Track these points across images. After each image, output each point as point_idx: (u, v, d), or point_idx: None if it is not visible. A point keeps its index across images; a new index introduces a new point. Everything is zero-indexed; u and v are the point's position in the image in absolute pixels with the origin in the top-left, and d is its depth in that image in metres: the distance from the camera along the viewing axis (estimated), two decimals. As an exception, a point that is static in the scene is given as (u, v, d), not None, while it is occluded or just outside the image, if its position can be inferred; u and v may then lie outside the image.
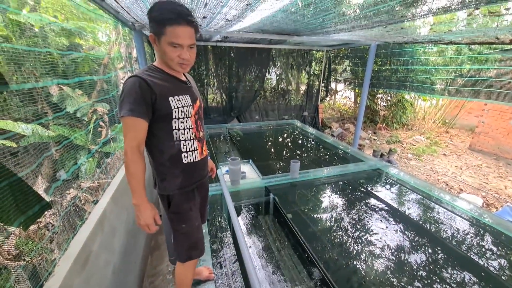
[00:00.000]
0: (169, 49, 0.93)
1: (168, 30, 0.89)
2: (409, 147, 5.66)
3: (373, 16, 1.88)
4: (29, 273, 0.85)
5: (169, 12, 0.89)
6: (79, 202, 1.62)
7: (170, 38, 0.90)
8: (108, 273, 1.38)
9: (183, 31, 0.91)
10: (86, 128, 1.89)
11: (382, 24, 2.21)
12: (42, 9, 2.05)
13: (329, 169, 2.33)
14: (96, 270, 1.23)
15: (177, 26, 0.89)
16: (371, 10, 1.74)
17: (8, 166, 0.77)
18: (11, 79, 1.12)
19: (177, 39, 0.91)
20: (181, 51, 0.94)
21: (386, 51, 5.01)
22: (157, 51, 0.99)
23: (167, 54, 0.94)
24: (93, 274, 1.19)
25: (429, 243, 1.59)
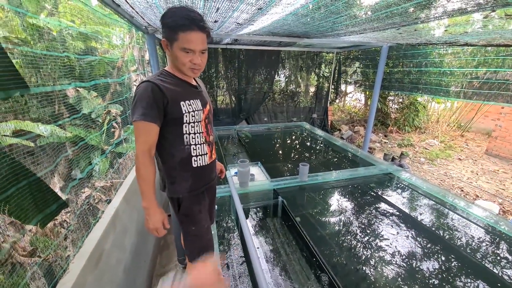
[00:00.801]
0: (181, 54, 0.95)
1: (181, 36, 0.91)
2: (421, 151, 5.51)
3: (386, 18, 1.86)
4: (44, 270, 0.88)
5: (181, 18, 0.91)
6: (93, 201, 1.67)
7: (182, 43, 0.92)
8: (119, 272, 1.42)
9: (195, 36, 0.92)
10: (100, 129, 1.95)
11: (395, 26, 2.18)
12: (60, 14, 2.14)
13: (338, 172, 2.30)
14: (108, 268, 1.27)
15: (189, 32, 0.91)
16: (383, 12, 1.72)
17: (27, 166, 0.81)
18: (29, 81, 1.18)
19: (189, 45, 0.93)
20: (193, 56, 0.95)
21: (399, 52, 4.92)
22: (169, 56, 1.01)
23: (179, 59, 0.96)
24: (105, 272, 1.22)
25: (442, 250, 1.54)
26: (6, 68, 0.74)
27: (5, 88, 0.73)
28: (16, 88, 0.77)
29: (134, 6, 1.84)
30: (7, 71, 0.74)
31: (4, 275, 0.81)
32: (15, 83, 0.77)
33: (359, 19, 1.84)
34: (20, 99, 0.96)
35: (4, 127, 1.12)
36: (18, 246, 1.07)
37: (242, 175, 1.88)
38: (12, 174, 0.75)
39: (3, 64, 0.72)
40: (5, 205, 0.71)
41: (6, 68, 0.73)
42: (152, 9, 1.82)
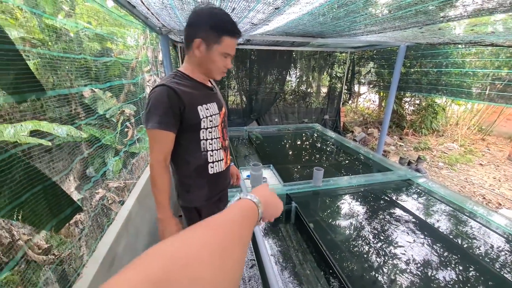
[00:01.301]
0: (220, 58, 0.92)
1: (225, 41, 0.89)
2: (440, 155, 5.28)
3: (410, 16, 1.76)
4: (58, 275, 0.87)
5: (228, 23, 0.89)
6: (106, 202, 1.68)
7: (224, 48, 0.90)
8: (131, 274, 1.41)
9: (235, 43, 0.93)
10: (114, 129, 1.96)
11: (418, 25, 2.07)
12: (77, 15, 2.18)
13: (354, 178, 2.21)
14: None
15: (232, 38, 0.91)
16: (407, 10, 1.63)
17: (43, 171, 0.80)
18: (47, 82, 1.19)
19: (230, 50, 0.92)
20: (228, 61, 0.95)
21: (417, 52, 4.73)
22: (196, 56, 0.93)
23: (216, 63, 0.93)
24: (118, 275, 1.21)
25: (460, 260, 1.45)
26: (22, 71, 0.72)
27: (20, 91, 0.71)
28: (32, 92, 0.76)
29: (149, 7, 1.83)
30: (23, 74, 0.73)
31: (18, 274, 0.81)
32: (31, 86, 0.76)
33: (380, 17, 1.76)
34: (37, 101, 0.96)
35: (22, 127, 1.13)
36: (34, 244, 1.08)
37: (255, 178, 1.84)
38: (27, 179, 0.73)
39: (18, 67, 0.71)
40: (19, 211, 0.70)
41: (21, 71, 0.72)
42: (167, 9, 1.81)
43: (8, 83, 0.68)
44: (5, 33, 0.66)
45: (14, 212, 0.69)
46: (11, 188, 0.68)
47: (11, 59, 0.69)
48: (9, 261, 0.73)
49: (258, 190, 0.53)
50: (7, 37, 0.67)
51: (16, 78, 0.70)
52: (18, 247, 0.89)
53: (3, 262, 0.77)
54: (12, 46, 0.69)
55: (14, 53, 0.70)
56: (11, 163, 0.68)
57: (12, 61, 0.69)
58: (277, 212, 0.56)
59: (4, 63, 0.67)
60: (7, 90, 0.67)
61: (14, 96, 0.70)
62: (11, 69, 0.69)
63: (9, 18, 1.10)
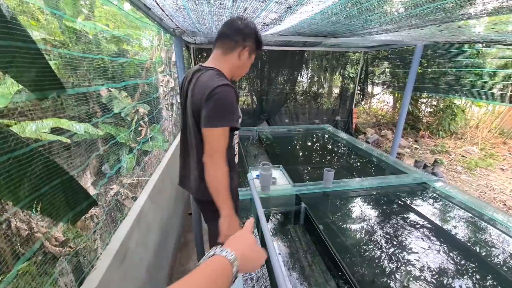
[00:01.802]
0: (250, 63, 1.14)
1: (258, 52, 1.13)
2: (458, 159, 5.06)
3: (428, 14, 1.70)
4: (73, 266, 0.90)
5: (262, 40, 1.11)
6: (120, 198, 1.73)
7: (254, 57, 1.14)
8: (142, 270, 1.44)
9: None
10: (128, 127, 2.02)
11: (436, 23, 1.99)
12: (96, 17, 2.27)
13: (366, 180, 2.16)
14: (132, 266, 1.29)
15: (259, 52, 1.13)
16: (425, 8, 1.57)
17: (61, 165, 0.83)
18: (67, 82, 1.24)
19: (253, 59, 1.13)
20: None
21: (434, 51, 4.57)
22: (238, 60, 1.06)
23: (246, 67, 1.14)
24: (129, 270, 1.25)
25: (478, 268, 1.38)
26: (43, 70, 0.76)
27: (41, 88, 0.75)
28: (53, 89, 0.80)
29: (164, 8, 1.87)
30: (44, 72, 0.76)
31: (35, 266, 0.85)
32: (52, 84, 0.80)
33: (396, 15, 1.71)
34: (58, 99, 1.00)
35: (44, 124, 1.18)
36: (51, 236, 1.13)
37: (264, 178, 1.84)
38: (46, 172, 0.77)
39: (40, 66, 0.74)
40: (38, 203, 0.73)
41: (43, 69, 0.75)
42: (180, 11, 1.84)
43: (29, 80, 0.71)
44: (27, 33, 0.70)
45: (33, 203, 0.72)
46: (31, 181, 0.71)
47: (33, 58, 0.72)
48: (23, 254, 0.77)
49: (236, 242, 0.47)
50: (29, 36, 0.70)
51: (37, 76, 0.73)
52: (35, 239, 0.93)
53: (21, 253, 0.81)
54: (34, 45, 0.72)
55: (36, 51, 0.73)
56: (32, 157, 0.72)
57: (34, 59, 0.73)
58: (257, 265, 0.49)
59: (26, 61, 0.70)
60: (28, 87, 0.70)
61: (35, 93, 0.73)
62: (32, 67, 0.72)
63: (31, 19, 1.16)
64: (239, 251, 0.43)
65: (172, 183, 2.50)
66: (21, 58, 0.69)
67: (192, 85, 1.01)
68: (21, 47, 0.68)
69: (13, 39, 0.66)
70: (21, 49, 0.69)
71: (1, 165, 0.62)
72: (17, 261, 0.74)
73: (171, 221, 2.29)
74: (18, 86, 0.80)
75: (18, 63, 0.69)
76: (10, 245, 0.84)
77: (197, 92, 0.95)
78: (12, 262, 0.75)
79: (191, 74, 1.06)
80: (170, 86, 3.39)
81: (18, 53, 0.68)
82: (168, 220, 2.16)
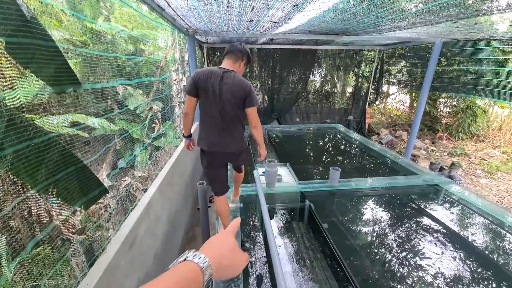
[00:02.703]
0: (243, 70, 1.68)
1: (248, 64, 1.69)
2: (478, 162, 4.81)
3: (440, 10, 1.65)
4: (85, 248, 0.97)
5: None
6: (131, 189, 1.82)
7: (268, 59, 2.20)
8: (150, 257, 1.52)
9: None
10: (142, 123, 2.12)
11: (451, 19, 1.92)
12: (115, 19, 2.39)
13: (374, 179, 2.12)
14: (140, 253, 1.36)
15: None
16: (437, 3, 1.53)
17: (76, 154, 0.90)
18: (88, 80, 1.34)
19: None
20: None
21: (455, 49, 4.37)
22: (238, 67, 1.63)
23: (241, 72, 1.65)
24: (137, 256, 1.32)
25: (494, 277, 1.32)
26: (61, 66, 0.82)
27: (59, 83, 0.82)
28: (70, 84, 0.87)
29: (176, 9, 1.94)
30: (62, 69, 0.83)
31: (53, 249, 0.93)
32: (69, 80, 0.87)
33: (407, 12, 1.67)
34: (73, 94, 1.08)
35: (63, 118, 1.28)
36: (69, 224, 1.22)
37: (269, 175, 1.86)
38: (62, 160, 0.83)
39: (58, 63, 0.81)
40: (54, 188, 0.80)
41: (61, 66, 0.82)
42: (191, 11, 1.90)
43: (49, 75, 0.78)
44: (47, 32, 0.77)
45: (50, 187, 0.79)
46: (48, 167, 0.78)
47: (52, 55, 0.79)
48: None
49: (213, 247, 0.43)
50: (48, 35, 0.77)
51: (55, 72, 0.80)
52: (55, 226, 1.02)
53: (41, 239, 0.89)
54: (53, 43, 0.79)
55: (55, 49, 0.80)
56: (49, 145, 0.79)
57: (53, 56, 0.80)
58: (236, 271, 0.45)
59: (46, 58, 0.77)
60: (47, 82, 0.77)
61: (54, 87, 0.80)
62: (51, 63, 0.79)
63: (54, 20, 1.26)
64: (214, 258, 0.39)
65: (181, 178, 2.58)
66: (41, 55, 0.76)
67: (227, 82, 1.50)
68: (41, 45, 0.75)
69: (34, 37, 0.73)
70: (41, 47, 0.76)
71: (21, 151, 0.68)
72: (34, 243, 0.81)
73: (179, 214, 2.37)
74: (39, 81, 0.88)
75: (38, 59, 0.76)
76: (31, 230, 0.92)
77: (238, 87, 1.50)
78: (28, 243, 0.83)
79: (221, 73, 1.51)
80: (183, 85, 3.48)
81: (38, 51, 0.75)
82: (176, 213, 2.24)
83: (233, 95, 1.50)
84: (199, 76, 1.52)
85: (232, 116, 1.57)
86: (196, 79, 1.53)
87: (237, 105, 1.53)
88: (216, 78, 1.50)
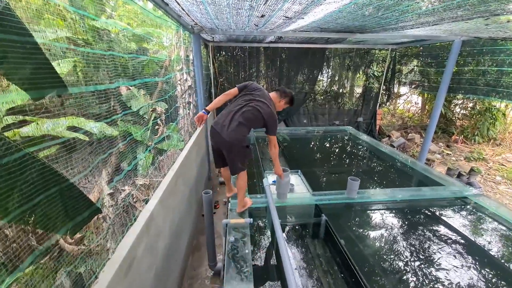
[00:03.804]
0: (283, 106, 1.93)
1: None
2: (497, 167, 4.57)
3: (477, 4, 1.46)
4: (72, 280, 0.83)
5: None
6: (131, 200, 1.68)
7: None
8: (150, 277, 1.37)
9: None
10: (145, 125, 1.98)
11: (486, 15, 1.73)
12: (118, 16, 2.27)
13: (395, 191, 1.94)
14: (139, 275, 1.22)
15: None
16: (475, -5, 1.34)
17: (60, 172, 0.75)
18: (90, 80, 1.21)
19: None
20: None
21: (474, 48, 4.12)
22: (282, 105, 1.91)
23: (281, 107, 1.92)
24: (135, 280, 1.17)
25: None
26: (41, 66, 0.67)
27: (38, 87, 0.66)
28: (51, 88, 0.72)
29: (181, 3, 1.79)
30: (42, 69, 0.68)
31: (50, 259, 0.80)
32: (51, 83, 0.72)
33: (439, 5, 1.48)
34: (58, 99, 0.94)
35: (60, 122, 1.14)
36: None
37: (282, 186, 1.70)
38: (41, 181, 0.68)
39: (37, 62, 0.66)
40: (30, 216, 0.65)
41: (40, 66, 0.67)
42: (198, 5, 1.75)
43: (24, 78, 0.63)
44: (23, 25, 0.62)
45: (24, 216, 0.64)
46: (22, 191, 0.63)
47: (29, 53, 0.64)
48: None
49: None
50: (25, 28, 0.62)
51: (33, 74, 0.65)
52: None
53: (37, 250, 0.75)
54: (31, 38, 0.64)
55: (33, 45, 0.65)
56: (24, 164, 0.64)
57: (30, 54, 0.65)
58: None
59: (21, 56, 0.62)
60: (21, 86, 0.62)
61: (29, 92, 0.65)
62: (28, 63, 0.64)
63: (57, 18, 1.13)
64: None
65: (185, 185, 2.44)
66: (14, 53, 0.61)
67: (263, 101, 1.76)
68: (15, 41, 0.60)
69: (5, 31, 0.58)
70: (15, 43, 0.61)
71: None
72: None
73: (183, 223, 2.23)
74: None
75: (11, 58, 0.61)
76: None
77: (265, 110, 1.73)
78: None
79: (265, 93, 1.83)
80: (188, 85, 3.34)
81: (11, 48, 0.60)
82: (179, 223, 2.10)
83: (259, 111, 1.70)
84: (252, 84, 1.84)
85: (247, 119, 1.70)
86: (249, 84, 1.85)
87: (256, 120, 1.73)
88: (259, 92, 1.78)
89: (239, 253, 1.31)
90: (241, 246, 1.37)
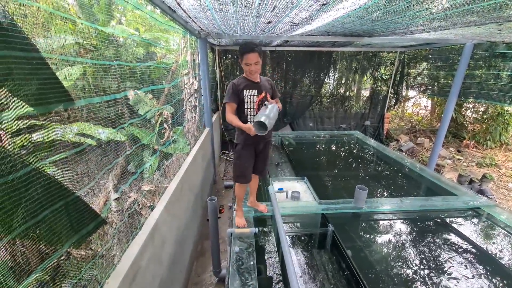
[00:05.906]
0: (245, 67, 1.60)
1: (244, 57, 1.56)
2: (509, 174, 4.42)
3: (491, 11, 1.41)
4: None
5: (242, 48, 1.56)
6: (137, 207, 1.68)
7: (245, 60, 1.56)
8: (154, 287, 1.36)
9: (250, 56, 1.54)
10: (153, 129, 1.99)
11: (499, 21, 1.67)
12: (127, 21, 2.29)
13: (405, 200, 1.88)
14: (143, 286, 1.21)
15: (247, 54, 1.54)
16: (491, 2, 1.29)
17: (66, 186, 0.74)
18: (98, 89, 1.22)
19: (248, 61, 1.56)
20: (249, 67, 1.58)
21: (485, 51, 4.02)
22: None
23: (244, 69, 1.62)
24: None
25: None
26: (47, 81, 0.67)
27: (44, 102, 0.66)
28: (58, 102, 0.71)
29: (187, 11, 1.80)
30: (49, 84, 0.68)
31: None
32: (58, 97, 0.71)
33: (453, 10, 1.44)
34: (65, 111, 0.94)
35: (69, 129, 1.14)
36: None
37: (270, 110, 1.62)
38: (47, 196, 0.68)
39: (44, 77, 0.66)
40: (35, 231, 0.64)
41: (47, 81, 0.67)
42: (204, 12, 1.75)
43: (30, 94, 0.62)
44: (29, 40, 0.61)
45: (28, 232, 0.63)
46: (27, 207, 0.63)
47: (35, 68, 0.64)
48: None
49: None
50: (31, 44, 0.62)
51: (39, 89, 0.65)
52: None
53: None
54: (37, 54, 0.64)
55: (39, 61, 0.65)
56: (29, 180, 0.63)
57: (36, 70, 0.64)
58: None
59: (27, 72, 0.62)
60: (27, 102, 0.62)
61: (36, 108, 0.65)
62: (34, 79, 0.64)
63: (69, 23, 1.15)
64: None
65: (191, 190, 2.43)
66: (20, 69, 0.61)
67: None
68: (20, 57, 0.60)
69: (11, 48, 0.58)
70: (20, 59, 0.60)
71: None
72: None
73: (187, 230, 2.22)
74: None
75: (16, 75, 0.60)
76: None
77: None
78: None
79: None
80: (194, 89, 3.35)
81: (17, 64, 0.60)
82: (184, 229, 2.09)
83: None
84: None
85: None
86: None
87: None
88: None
89: (244, 264, 1.29)
90: (246, 257, 1.34)
